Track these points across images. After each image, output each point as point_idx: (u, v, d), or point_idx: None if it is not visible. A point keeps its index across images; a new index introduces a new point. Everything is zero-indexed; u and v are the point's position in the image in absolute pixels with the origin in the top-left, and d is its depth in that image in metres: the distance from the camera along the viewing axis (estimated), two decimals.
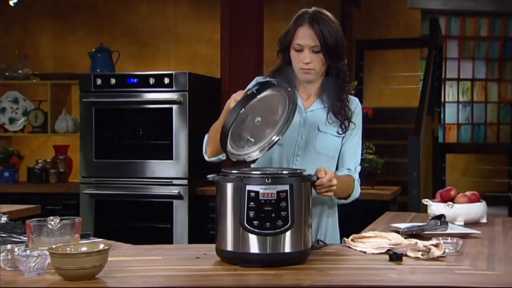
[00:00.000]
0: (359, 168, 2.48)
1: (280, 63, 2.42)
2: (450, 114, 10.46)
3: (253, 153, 2.18)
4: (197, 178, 4.83)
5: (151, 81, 4.85)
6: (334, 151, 2.43)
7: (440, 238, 2.16)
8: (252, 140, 2.15)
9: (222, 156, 2.30)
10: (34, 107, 5.75)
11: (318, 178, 2.11)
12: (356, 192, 2.42)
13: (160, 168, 4.87)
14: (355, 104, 2.47)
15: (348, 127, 2.42)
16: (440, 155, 8.37)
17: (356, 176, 2.43)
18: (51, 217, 2.06)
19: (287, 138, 2.31)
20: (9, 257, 1.89)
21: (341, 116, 2.40)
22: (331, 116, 2.41)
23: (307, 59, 2.31)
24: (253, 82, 2.42)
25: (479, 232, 2.55)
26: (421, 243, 2.09)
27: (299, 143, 2.40)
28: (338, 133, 2.41)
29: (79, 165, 5.07)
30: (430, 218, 2.68)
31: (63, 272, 1.77)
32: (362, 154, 4.96)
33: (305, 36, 2.30)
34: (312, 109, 2.43)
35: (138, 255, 2.16)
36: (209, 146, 2.33)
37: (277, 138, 2.21)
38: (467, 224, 2.77)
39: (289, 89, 2.10)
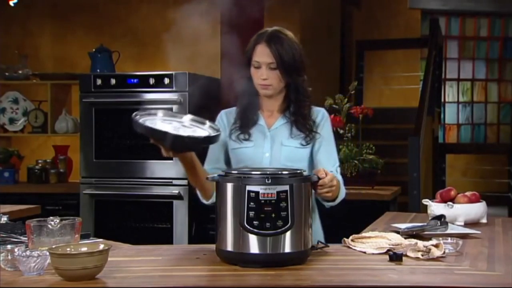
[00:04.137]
0: (339, 169, 2.52)
1: (245, 79, 2.49)
2: (450, 114, 10.47)
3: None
4: None
5: (151, 81, 4.86)
6: (300, 162, 2.45)
7: (440, 238, 2.17)
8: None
9: None
10: (34, 107, 5.75)
11: (319, 179, 2.12)
12: (342, 192, 2.44)
13: (160, 168, 4.87)
14: (320, 115, 2.52)
15: (313, 138, 2.46)
16: (440, 155, 8.37)
17: (339, 177, 2.45)
18: (51, 217, 2.06)
19: (253, 158, 2.40)
20: (9, 257, 1.89)
21: (305, 129, 2.45)
22: (294, 130, 2.46)
23: (264, 76, 2.40)
24: (219, 118, 2.54)
25: (479, 232, 2.55)
26: (421, 243, 2.09)
27: (265, 161, 2.44)
28: (302, 144, 2.46)
29: (79, 165, 5.07)
30: (430, 218, 2.68)
31: (63, 273, 1.77)
32: (362, 155, 5.01)
33: (262, 54, 2.39)
34: (276, 126, 2.49)
35: (138, 255, 2.16)
36: (202, 191, 2.39)
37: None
38: (467, 224, 2.77)
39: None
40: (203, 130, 2.18)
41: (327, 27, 7.93)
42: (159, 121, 2.17)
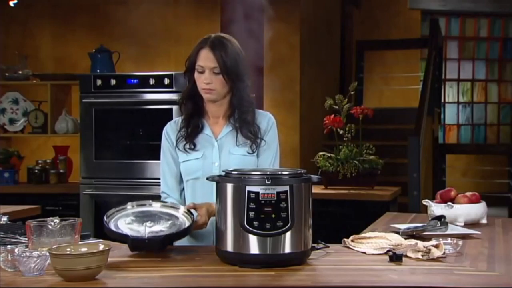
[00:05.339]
0: None
1: (190, 85, 2.52)
2: (450, 114, 10.48)
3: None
4: None
5: (151, 81, 4.86)
6: None
7: (440, 239, 2.16)
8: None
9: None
10: (34, 107, 5.75)
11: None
12: None
13: (160, 169, 4.85)
14: (266, 120, 2.53)
15: (259, 145, 2.48)
16: (440, 155, 8.38)
17: None
18: (51, 218, 2.06)
19: (203, 169, 2.43)
20: (9, 257, 1.89)
21: (250, 135, 2.46)
22: (240, 137, 2.47)
23: (207, 80, 2.42)
24: (165, 134, 2.61)
25: (479, 232, 2.55)
26: (421, 244, 2.09)
27: (214, 171, 2.45)
28: (248, 152, 2.47)
29: (79, 165, 5.06)
30: (430, 218, 2.68)
31: (64, 273, 1.77)
32: (362, 155, 5.00)
33: (206, 58, 2.42)
34: (223, 135, 2.50)
35: (138, 256, 2.16)
36: None
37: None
38: (467, 224, 2.77)
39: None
40: (177, 219, 2.23)
41: (327, 27, 7.93)
42: (131, 218, 2.24)
